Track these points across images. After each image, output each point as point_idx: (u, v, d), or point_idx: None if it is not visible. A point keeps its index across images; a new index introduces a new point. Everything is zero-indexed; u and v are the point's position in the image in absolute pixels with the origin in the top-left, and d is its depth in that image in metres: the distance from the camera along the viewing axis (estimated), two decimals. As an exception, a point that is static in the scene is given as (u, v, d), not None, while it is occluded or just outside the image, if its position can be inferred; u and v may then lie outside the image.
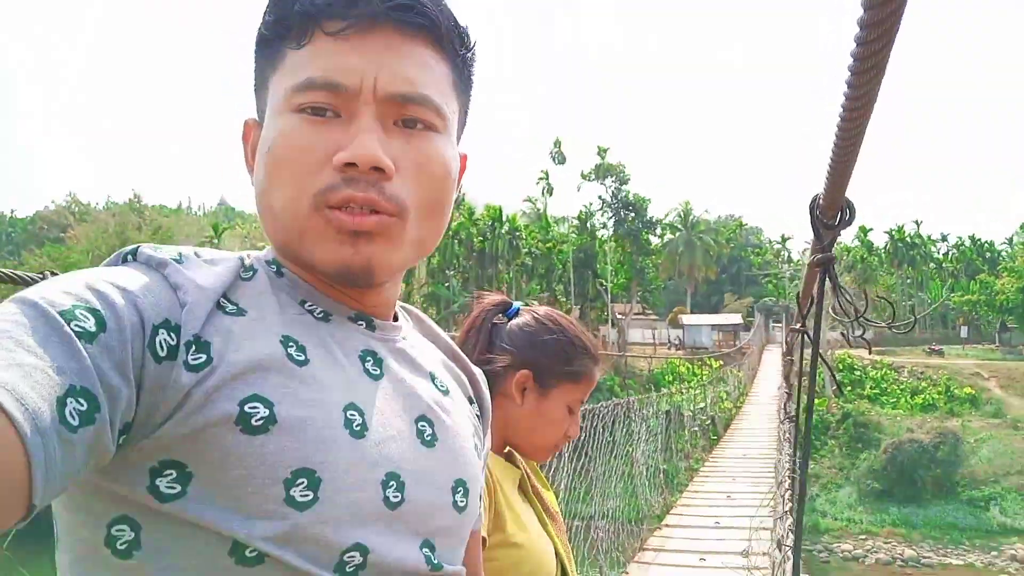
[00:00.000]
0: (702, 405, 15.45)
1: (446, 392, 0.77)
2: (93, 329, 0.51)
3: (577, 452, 5.47)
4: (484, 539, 1.14)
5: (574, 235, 46.96)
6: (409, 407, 0.70)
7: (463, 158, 0.76)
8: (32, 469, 0.44)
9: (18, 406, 0.43)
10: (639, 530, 7.23)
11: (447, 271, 42.52)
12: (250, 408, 0.56)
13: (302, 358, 0.62)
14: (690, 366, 26.56)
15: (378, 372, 0.69)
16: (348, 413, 0.62)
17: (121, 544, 0.55)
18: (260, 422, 0.56)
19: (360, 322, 0.70)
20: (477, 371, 0.88)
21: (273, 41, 0.66)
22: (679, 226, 51.77)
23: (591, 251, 45.97)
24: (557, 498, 1.63)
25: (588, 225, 47.09)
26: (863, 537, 25.16)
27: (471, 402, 0.84)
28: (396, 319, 0.77)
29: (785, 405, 6.13)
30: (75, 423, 0.47)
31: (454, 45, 0.69)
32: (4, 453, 0.43)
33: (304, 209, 0.63)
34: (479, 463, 0.79)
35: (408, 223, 0.65)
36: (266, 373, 0.58)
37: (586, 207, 47.54)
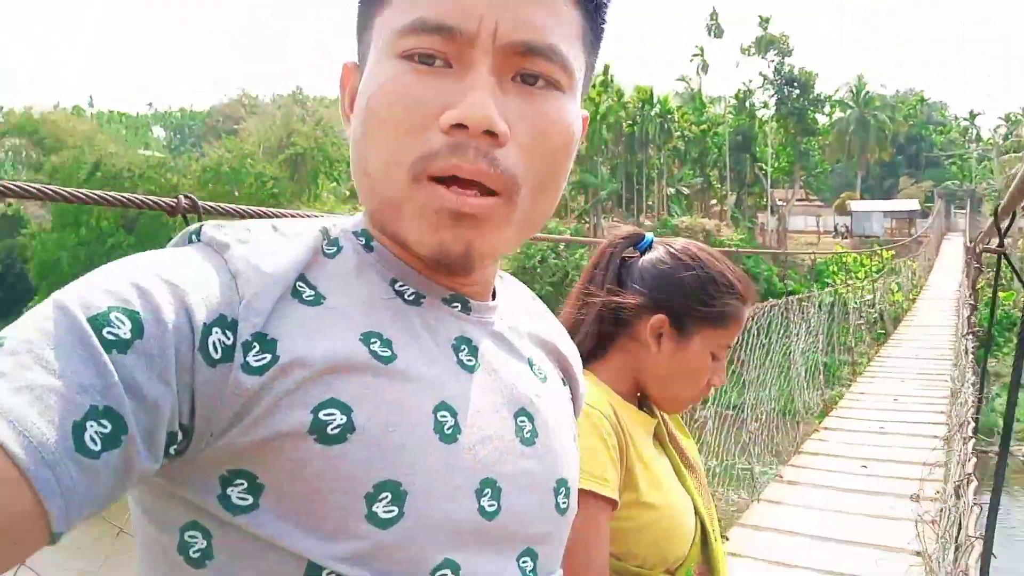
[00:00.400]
0: (869, 298, 14.40)
1: (544, 379, 0.69)
2: (128, 336, 0.46)
3: (729, 358, 5.21)
4: (615, 501, 1.07)
5: (731, 116, 44.22)
6: (508, 401, 0.62)
7: (585, 119, 0.65)
8: (45, 503, 0.41)
9: (19, 439, 0.40)
10: (795, 432, 6.94)
11: (595, 158, 41.63)
12: (325, 415, 0.51)
13: (387, 353, 0.55)
14: (857, 257, 24.80)
15: (473, 363, 0.61)
16: (439, 414, 0.56)
17: (194, 552, 0.52)
18: (337, 430, 0.51)
19: (455, 304, 0.62)
20: (572, 348, 0.79)
21: None
22: (850, 103, 47.29)
23: (749, 133, 43.18)
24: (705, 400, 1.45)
25: (747, 104, 44.06)
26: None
27: (565, 383, 0.75)
28: (494, 295, 0.68)
29: (969, 317, 5.48)
30: (96, 448, 0.43)
31: None
32: (5, 489, 0.40)
33: (402, 177, 0.55)
34: (578, 458, 0.72)
35: (518, 201, 0.57)
36: (345, 374, 0.52)
37: (745, 85, 44.38)
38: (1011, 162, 40.73)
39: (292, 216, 1.80)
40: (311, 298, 0.54)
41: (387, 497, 0.52)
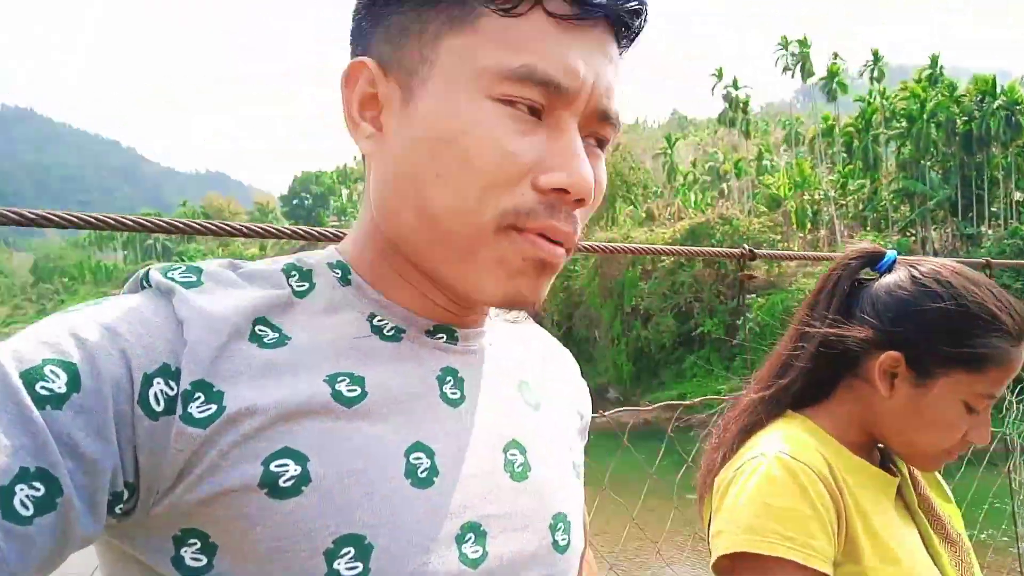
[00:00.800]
0: None
1: (538, 407, 0.65)
2: (63, 390, 0.43)
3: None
4: (823, 574, 0.89)
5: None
6: (497, 433, 0.59)
7: None
8: None
9: None
10: None
11: (922, 162, 37.21)
12: (277, 467, 0.47)
13: (355, 394, 0.52)
14: None
15: (458, 395, 0.58)
16: (412, 457, 0.52)
17: None
18: (290, 482, 0.47)
19: (440, 335, 0.59)
20: (573, 364, 0.76)
21: None
22: None
23: None
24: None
25: None
26: None
27: (581, 415, 0.73)
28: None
29: None
30: (28, 513, 0.41)
31: (632, 34, 0.57)
32: None
33: (484, 225, 0.52)
34: (580, 487, 0.68)
35: None
36: (302, 419, 0.49)
37: None
38: None
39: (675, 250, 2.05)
40: (273, 340, 0.51)
41: (350, 552, 0.48)
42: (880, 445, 1.07)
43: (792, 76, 51.48)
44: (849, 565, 0.93)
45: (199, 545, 0.47)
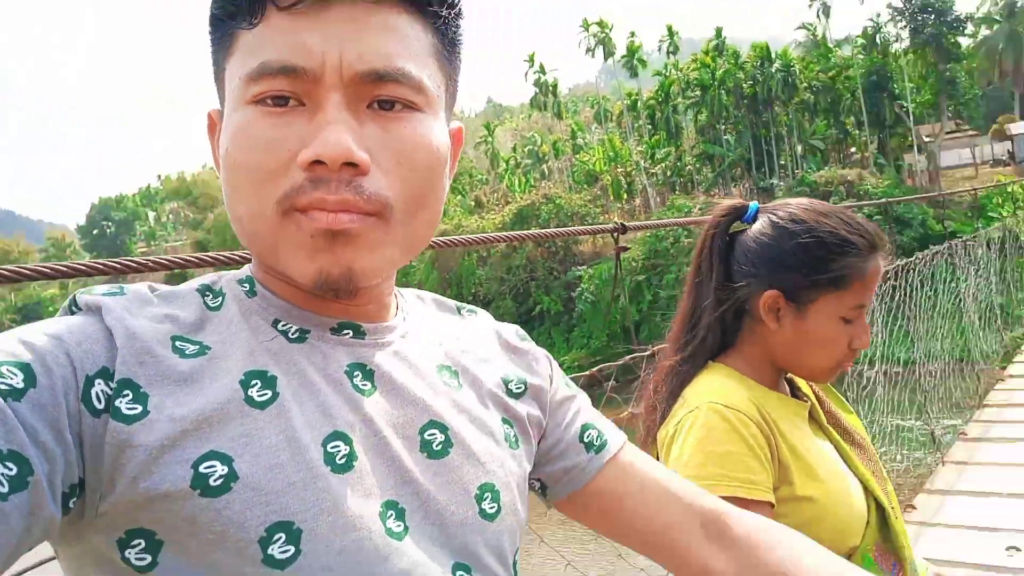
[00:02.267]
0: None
1: (458, 387, 0.68)
2: (21, 385, 0.47)
3: (893, 315, 4.91)
4: (767, 503, 1.01)
5: (861, 56, 41.32)
6: (412, 417, 0.63)
7: (457, 132, 0.68)
8: None
9: None
10: (976, 384, 6.42)
11: (717, 126, 40.25)
12: (206, 468, 0.51)
13: (267, 396, 0.55)
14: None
15: (368, 386, 0.61)
16: (329, 446, 0.56)
17: None
18: (219, 481, 0.51)
19: (345, 332, 0.63)
20: (508, 336, 0.79)
21: (224, 21, 0.57)
22: (997, 17, 42.92)
23: (884, 71, 40.16)
24: (871, 359, 1.34)
25: (877, 40, 41.02)
26: None
27: (521, 393, 0.74)
28: (397, 311, 0.69)
29: None
30: (4, 490, 0.44)
31: (433, 5, 0.59)
32: None
33: (271, 217, 0.56)
34: (515, 455, 0.70)
35: (392, 221, 0.57)
36: (222, 424, 0.52)
37: (873, 20, 41.33)
38: None
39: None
40: (193, 352, 0.55)
41: (282, 537, 0.51)
42: (788, 375, 1.19)
43: (594, 56, 53.81)
44: (784, 487, 1.04)
45: (143, 545, 0.50)
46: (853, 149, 43.24)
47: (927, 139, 39.76)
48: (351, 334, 0.63)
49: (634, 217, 41.41)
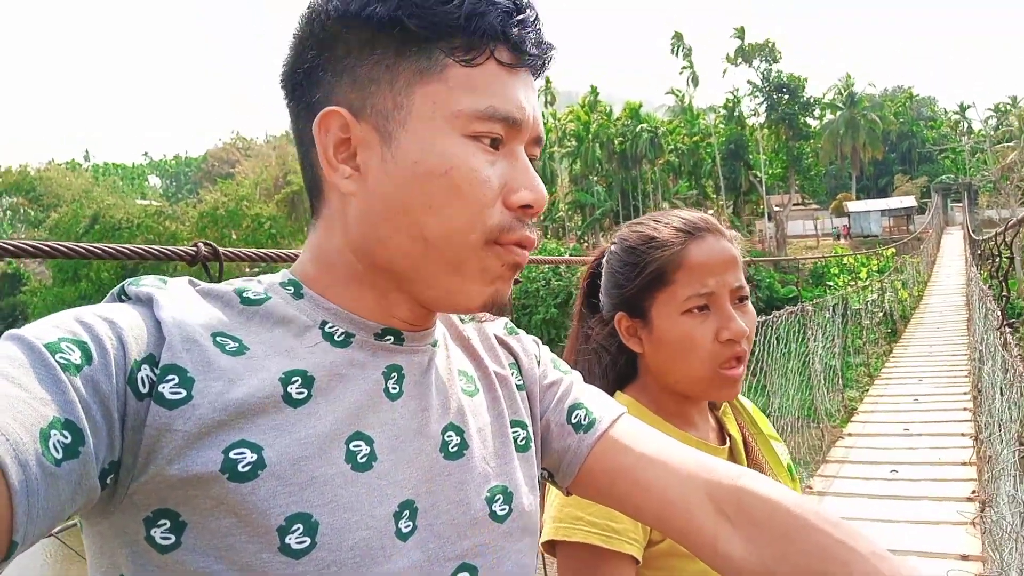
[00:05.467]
0: (872, 297, 14.29)
1: (474, 392, 0.72)
2: (79, 361, 0.50)
3: (751, 369, 5.14)
4: (629, 556, 0.94)
5: (722, 126, 44.38)
6: (433, 419, 0.66)
7: None
8: (13, 500, 0.43)
9: None
10: (821, 441, 6.83)
11: (590, 177, 41.77)
12: (236, 454, 0.54)
13: (304, 394, 0.59)
14: (857, 258, 24.65)
15: (398, 390, 0.65)
16: (352, 445, 0.59)
17: None
18: (247, 468, 0.54)
19: (387, 337, 0.66)
20: (525, 341, 0.82)
21: (425, 40, 0.61)
22: (840, 104, 47.51)
23: (741, 141, 43.34)
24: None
25: (736, 113, 44.26)
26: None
27: (520, 388, 0.77)
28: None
29: (1003, 309, 5.35)
30: (59, 456, 0.46)
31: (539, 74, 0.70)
32: None
33: (473, 242, 0.62)
34: (526, 457, 0.73)
35: None
36: (256, 416, 0.56)
37: (733, 93, 44.58)
38: (1004, 152, 40.79)
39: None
40: (234, 349, 0.58)
41: (299, 528, 0.54)
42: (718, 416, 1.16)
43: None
44: (669, 541, 0.96)
45: (168, 525, 0.53)
46: (712, 211, 46.08)
47: (776, 208, 43.11)
48: (392, 340, 0.67)
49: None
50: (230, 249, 1.58)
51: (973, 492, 5.32)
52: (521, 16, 0.62)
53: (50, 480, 0.45)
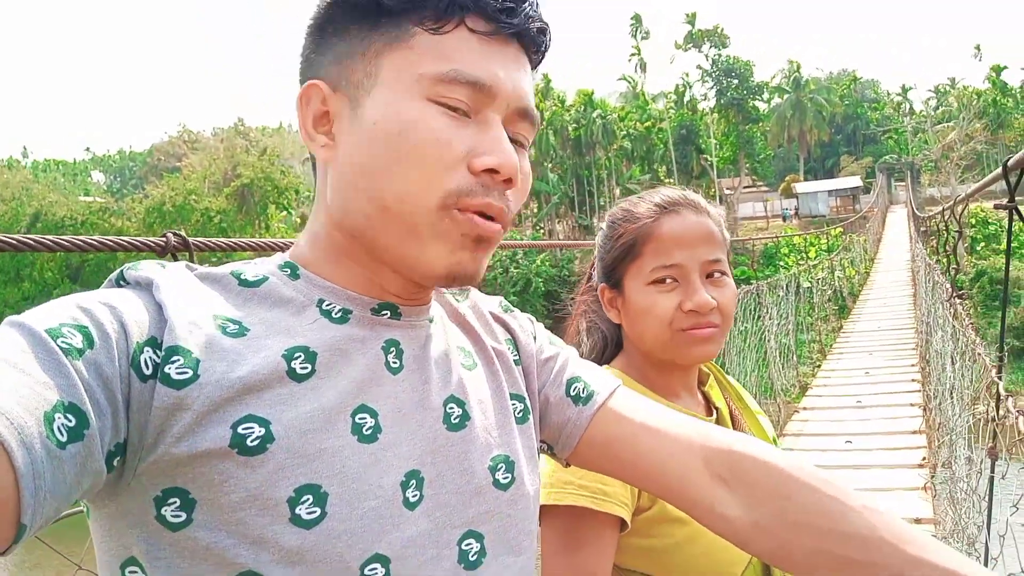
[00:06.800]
0: (822, 275, 14.67)
1: (473, 366, 0.73)
2: (80, 346, 0.50)
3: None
4: (623, 520, 0.98)
5: (673, 111, 44.89)
6: (435, 392, 0.67)
7: None
8: (20, 483, 0.43)
9: (2, 419, 0.43)
10: (778, 415, 7.01)
11: (544, 164, 41.86)
12: (244, 429, 0.54)
13: (308, 369, 0.59)
14: (806, 238, 25.31)
15: (398, 364, 0.65)
16: (357, 417, 0.60)
17: None
18: (256, 442, 0.54)
19: (384, 312, 0.67)
20: (521, 319, 0.83)
21: (397, 13, 0.62)
22: (787, 88, 48.44)
23: (692, 126, 43.92)
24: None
25: (686, 99, 44.81)
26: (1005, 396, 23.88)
27: (517, 363, 0.78)
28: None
29: (954, 282, 5.53)
30: (63, 439, 0.46)
31: (539, 57, 0.69)
32: None
33: (430, 205, 0.61)
34: (525, 429, 0.74)
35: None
36: (262, 391, 0.56)
37: (683, 79, 45.11)
38: (944, 132, 42.07)
39: (282, 243, 1.74)
40: (235, 331, 0.58)
41: (309, 499, 0.55)
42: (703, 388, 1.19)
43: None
44: (657, 507, 1.00)
45: (179, 503, 0.53)
46: (665, 195, 46.58)
47: (727, 191, 43.83)
48: (389, 315, 0.67)
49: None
50: (200, 239, 1.58)
51: (923, 459, 5.53)
52: None
53: (55, 463, 0.46)
